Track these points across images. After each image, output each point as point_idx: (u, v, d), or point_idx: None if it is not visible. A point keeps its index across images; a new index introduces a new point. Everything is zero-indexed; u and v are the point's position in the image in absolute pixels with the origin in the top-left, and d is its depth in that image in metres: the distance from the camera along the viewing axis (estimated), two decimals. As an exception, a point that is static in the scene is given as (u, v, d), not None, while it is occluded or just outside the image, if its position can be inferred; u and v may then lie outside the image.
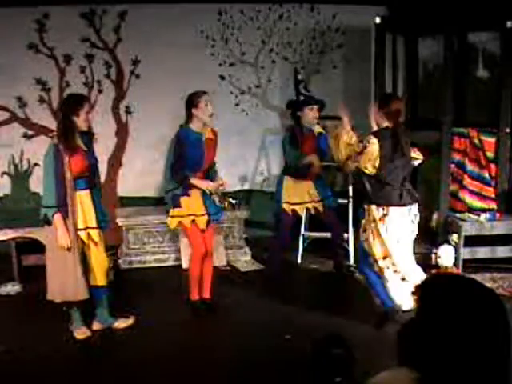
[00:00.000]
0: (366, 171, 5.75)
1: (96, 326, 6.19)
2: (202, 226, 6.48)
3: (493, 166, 7.93)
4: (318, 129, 7.50)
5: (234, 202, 8.69)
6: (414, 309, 2.06)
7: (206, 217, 6.49)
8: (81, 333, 6.02)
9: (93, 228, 5.91)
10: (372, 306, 6.30)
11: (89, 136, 6.03)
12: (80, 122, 5.78)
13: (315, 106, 7.35)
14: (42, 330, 6.16)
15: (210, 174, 6.61)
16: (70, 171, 5.71)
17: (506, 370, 1.92)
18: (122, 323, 6.24)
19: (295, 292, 7.32)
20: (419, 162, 6.19)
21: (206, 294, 6.76)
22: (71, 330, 6.03)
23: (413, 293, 2.07)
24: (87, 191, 5.90)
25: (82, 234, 5.85)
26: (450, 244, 7.59)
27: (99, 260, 6.01)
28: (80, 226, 5.83)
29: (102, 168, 9.05)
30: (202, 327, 6.30)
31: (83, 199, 5.86)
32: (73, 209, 5.74)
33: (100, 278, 6.02)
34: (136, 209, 8.45)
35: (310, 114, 7.29)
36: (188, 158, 6.26)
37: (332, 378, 3.44)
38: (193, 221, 6.43)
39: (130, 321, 6.30)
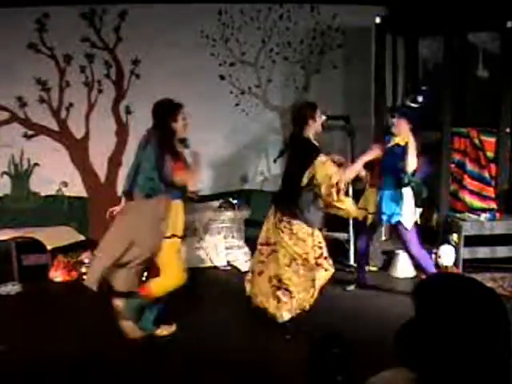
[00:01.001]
0: None
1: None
2: None
3: (493, 165, 7.94)
4: (396, 140, 6.80)
5: (234, 201, 8.74)
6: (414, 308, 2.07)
7: None
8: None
9: (178, 237, 5.75)
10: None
11: (182, 142, 5.89)
12: (179, 127, 5.73)
13: (396, 116, 6.85)
14: (42, 330, 6.15)
15: None
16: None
17: (507, 370, 1.92)
18: (164, 330, 6.03)
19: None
20: None
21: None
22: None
23: (412, 292, 2.07)
24: (181, 201, 5.75)
25: (167, 241, 5.68)
26: (450, 244, 7.61)
27: (168, 271, 5.78)
28: (167, 233, 5.66)
29: (102, 168, 9.11)
30: (201, 326, 6.28)
31: (178, 209, 5.72)
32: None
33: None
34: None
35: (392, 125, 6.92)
36: None
37: (333, 377, 3.44)
38: None
39: (173, 328, 6.09)
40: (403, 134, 6.65)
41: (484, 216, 7.79)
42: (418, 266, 6.99)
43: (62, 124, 9.05)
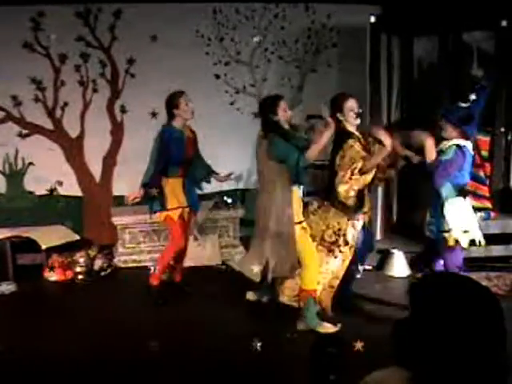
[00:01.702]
0: None
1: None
2: (186, 216, 6.95)
3: (487, 165, 7.94)
4: (442, 145, 6.27)
5: (229, 200, 8.75)
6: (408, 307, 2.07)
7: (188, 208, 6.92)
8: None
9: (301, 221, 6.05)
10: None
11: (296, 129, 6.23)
12: (281, 119, 5.92)
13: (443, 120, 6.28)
14: (37, 329, 6.15)
15: (192, 172, 6.97)
16: None
17: (502, 369, 1.92)
18: (328, 328, 6.02)
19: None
20: None
21: (179, 278, 7.20)
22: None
23: (407, 291, 2.08)
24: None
25: (297, 227, 5.96)
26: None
27: (306, 259, 6.06)
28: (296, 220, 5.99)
29: (97, 167, 9.10)
30: (198, 325, 6.27)
31: (296, 196, 6.00)
32: None
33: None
34: (131, 208, 8.44)
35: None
36: (171, 156, 6.55)
37: (326, 376, 3.45)
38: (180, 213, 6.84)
39: (336, 328, 6.01)
40: (453, 137, 6.13)
41: (479, 215, 7.78)
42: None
43: (57, 123, 9.04)
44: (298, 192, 5.98)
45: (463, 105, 6.35)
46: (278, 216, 5.90)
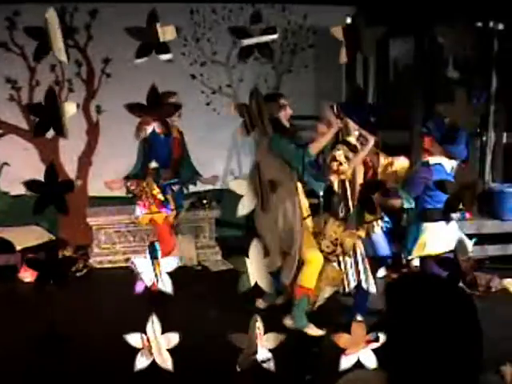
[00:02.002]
0: None
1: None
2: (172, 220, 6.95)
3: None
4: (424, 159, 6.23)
5: (204, 201, 8.74)
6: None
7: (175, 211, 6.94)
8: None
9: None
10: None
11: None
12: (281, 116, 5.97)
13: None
14: (11, 331, 6.11)
15: (180, 172, 7.04)
16: None
17: (476, 370, 1.93)
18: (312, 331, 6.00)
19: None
20: None
21: None
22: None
23: (383, 292, 2.08)
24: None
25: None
26: (419, 243, 7.59)
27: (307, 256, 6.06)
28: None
29: (73, 167, 9.04)
30: (181, 327, 6.24)
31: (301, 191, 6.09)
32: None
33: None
34: (106, 208, 8.41)
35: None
36: (156, 158, 6.49)
37: (303, 376, 3.46)
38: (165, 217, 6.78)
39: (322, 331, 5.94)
40: (435, 152, 6.01)
41: (454, 216, 7.82)
42: None
43: (32, 123, 8.98)
44: (301, 188, 6.06)
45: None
46: (284, 213, 5.90)
